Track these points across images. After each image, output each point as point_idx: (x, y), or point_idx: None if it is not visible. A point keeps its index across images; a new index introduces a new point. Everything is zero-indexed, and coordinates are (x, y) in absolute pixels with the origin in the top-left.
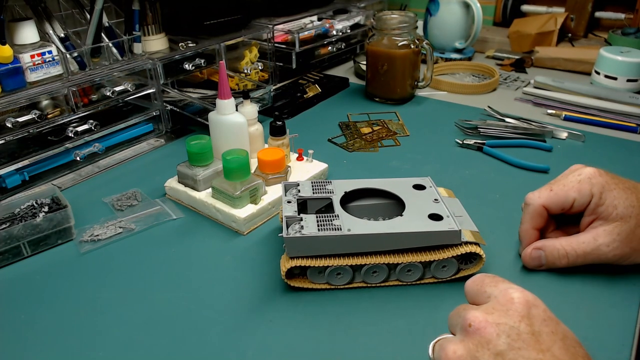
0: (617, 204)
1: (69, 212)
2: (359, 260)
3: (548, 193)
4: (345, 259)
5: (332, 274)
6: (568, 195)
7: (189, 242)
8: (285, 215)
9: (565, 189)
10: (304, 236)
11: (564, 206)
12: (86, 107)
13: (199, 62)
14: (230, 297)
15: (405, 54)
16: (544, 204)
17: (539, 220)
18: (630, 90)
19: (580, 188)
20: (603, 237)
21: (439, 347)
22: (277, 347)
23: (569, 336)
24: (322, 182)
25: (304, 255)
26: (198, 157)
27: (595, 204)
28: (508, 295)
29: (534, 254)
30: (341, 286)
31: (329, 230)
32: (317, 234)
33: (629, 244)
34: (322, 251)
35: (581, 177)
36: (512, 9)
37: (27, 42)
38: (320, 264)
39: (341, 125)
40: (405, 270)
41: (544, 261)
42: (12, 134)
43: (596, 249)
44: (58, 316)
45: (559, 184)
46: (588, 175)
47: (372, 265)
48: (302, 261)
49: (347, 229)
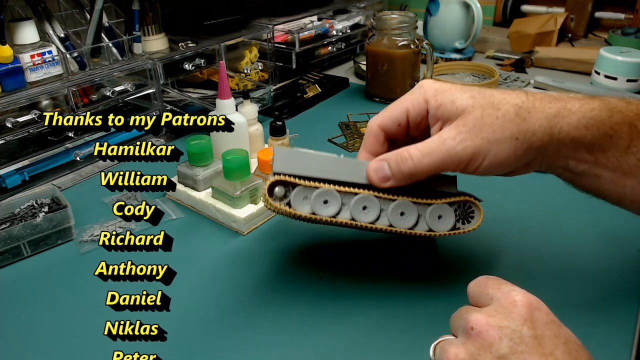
0: (453, 99)
1: (69, 212)
2: (347, 189)
3: (383, 112)
4: (331, 185)
5: (319, 201)
6: (402, 107)
7: (189, 242)
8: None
9: (399, 102)
10: (294, 150)
11: (398, 120)
12: (86, 107)
13: (199, 62)
14: (230, 297)
15: (405, 54)
16: (379, 124)
17: (375, 143)
18: (630, 90)
19: (412, 97)
20: (447, 132)
21: (440, 349)
22: (277, 347)
23: (572, 339)
24: None
25: (291, 175)
26: (198, 157)
27: (433, 108)
28: (511, 297)
29: (376, 164)
30: (326, 218)
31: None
32: (308, 151)
33: (479, 134)
34: (311, 171)
35: (414, 88)
36: (512, 9)
37: (27, 42)
38: (308, 185)
39: (341, 125)
40: (399, 213)
41: (387, 171)
42: (12, 134)
43: (442, 144)
44: (58, 316)
45: (395, 102)
46: (420, 85)
47: (362, 197)
48: (288, 178)
49: (341, 155)
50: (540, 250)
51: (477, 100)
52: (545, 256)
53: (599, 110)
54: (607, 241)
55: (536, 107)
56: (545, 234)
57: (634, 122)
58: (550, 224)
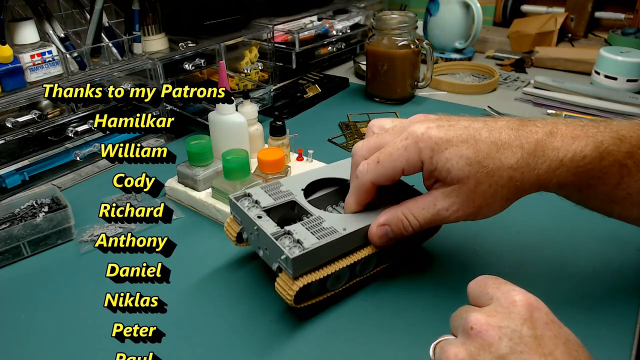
0: (450, 167)
1: (69, 212)
2: (354, 257)
3: (375, 167)
4: (343, 260)
5: (333, 279)
6: (396, 167)
7: (189, 242)
8: (269, 233)
9: (392, 158)
10: (308, 250)
11: (393, 178)
12: (86, 107)
13: (199, 62)
14: (230, 297)
15: (405, 54)
16: (372, 181)
17: (365, 196)
18: (630, 90)
19: (408, 156)
20: (441, 201)
21: (440, 349)
22: (277, 347)
23: (572, 340)
24: (270, 186)
25: (306, 271)
26: (198, 157)
27: (427, 170)
28: (510, 297)
29: (381, 230)
30: (339, 288)
31: (327, 235)
32: (319, 243)
33: (472, 204)
34: (323, 260)
35: (408, 141)
36: (512, 9)
37: (27, 42)
38: (325, 274)
39: (341, 125)
40: (388, 251)
41: (391, 235)
42: (12, 134)
43: (436, 214)
44: (58, 316)
45: (386, 152)
46: (415, 140)
47: (365, 258)
48: (308, 277)
49: (343, 229)
50: (540, 250)
51: (473, 168)
52: (545, 256)
53: (590, 157)
54: (607, 241)
55: (529, 165)
56: (545, 234)
57: (624, 161)
58: (550, 224)
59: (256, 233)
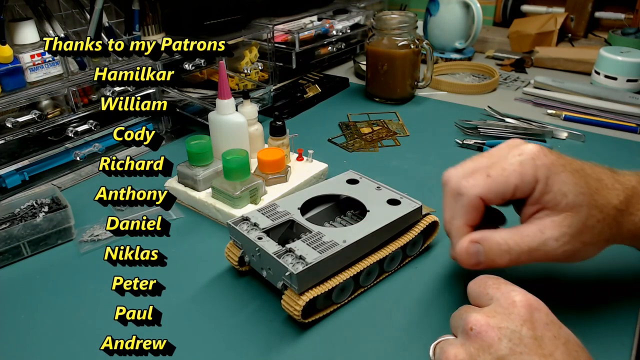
0: (566, 191)
1: (69, 212)
2: (357, 268)
3: (485, 180)
4: (346, 272)
5: (338, 292)
6: (508, 182)
7: (189, 242)
8: (271, 252)
9: (505, 173)
10: (311, 265)
11: (504, 196)
12: (86, 107)
13: (199, 62)
14: (229, 297)
15: (405, 54)
16: (480, 195)
17: (475, 215)
18: (630, 90)
19: (523, 172)
20: (551, 230)
21: (439, 349)
22: (277, 347)
23: (572, 340)
24: (266, 208)
25: (310, 286)
26: (198, 157)
27: (540, 191)
28: (510, 298)
29: (472, 248)
30: (345, 300)
31: (328, 249)
32: (321, 257)
33: (580, 238)
34: (326, 273)
35: (523, 157)
36: (512, 9)
37: (27, 42)
38: (329, 287)
39: (341, 125)
40: (390, 260)
41: (482, 258)
42: (12, 134)
43: (543, 243)
44: (58, 316)
45: (497, 167)
46: (531, 155)
47: (368, 268)
48: (313, 291)
49: (342, 241)
50: None
51: (585, 198)
52: None
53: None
54: None
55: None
56: None
57: None
58: None
59: (258, 254)
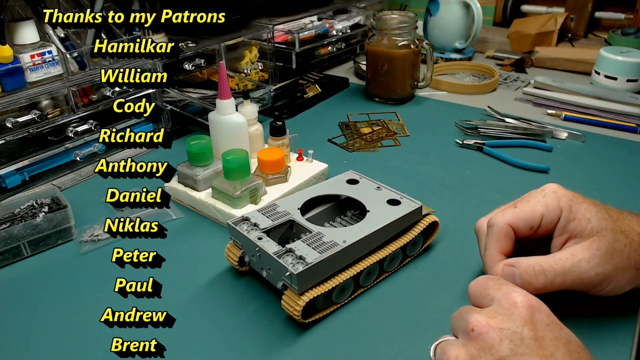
0: (590, 217)
1: (69, 212)
2: (357, 268)
3: (513, 210)
4: (346, 272)
5: (338, 292)
6: (535, 211)
7: (189, 242)
8: (271, 252)
9: (531, 204)
10: (311, 265)
11: (532, 223)
12: (86, 107)
13: (199, 62)
14: (230, 297)
15: (405, 54)
16: (510, 223)
17: (506, 242)
18: (630, 90)
19: (547, 202)
20: (582, 253)
21: (440, 350)
22: (277, 347)
23: (573, 341)
24: (266, 208)
25: (310, 286)
26: (198, 157)
27: (565, 219)
28: (511, 299)
29: (507, 270)
30: (345, 300)
31: (328, 249)
32: (321, 257)
33: (610, 261)
34: (326, 273)
35: (545, 191)
36: (512, 9)
37: (27, 42)
38: (329, 287)
39: (341, 125)
40: (390, 260)
41: (518, 280)
42: (12, 134)
43: (576, 265)
44: (58, 316)
45: (524, 200)
46: (552, 189)
47: (368, 268)
48: (313, 291)
49: (343, 241)
50: None
51: (609, 224)
52: None
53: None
54: None
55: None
56: None
57: None
58: None
59: (258, 255)
